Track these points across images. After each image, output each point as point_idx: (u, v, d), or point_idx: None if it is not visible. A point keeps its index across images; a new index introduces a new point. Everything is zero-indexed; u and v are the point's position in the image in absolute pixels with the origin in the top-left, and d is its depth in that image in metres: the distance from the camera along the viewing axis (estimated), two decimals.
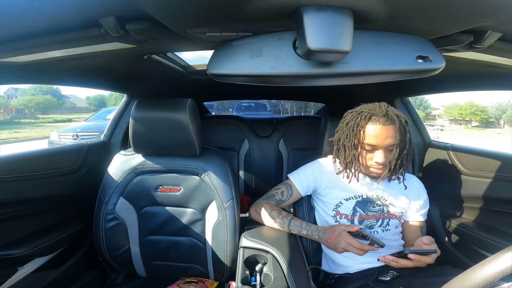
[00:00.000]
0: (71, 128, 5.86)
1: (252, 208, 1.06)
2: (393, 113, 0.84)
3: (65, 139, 5.36)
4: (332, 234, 0.84)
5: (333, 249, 0.84)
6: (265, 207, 0.99)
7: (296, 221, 0.93)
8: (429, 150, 1.30)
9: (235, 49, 0.48)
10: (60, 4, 0.40)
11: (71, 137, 5.33)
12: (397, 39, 0.47)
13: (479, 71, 0.84)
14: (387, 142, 0.83)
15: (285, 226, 0.93)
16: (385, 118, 0.83)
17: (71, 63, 0.74)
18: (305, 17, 0.38)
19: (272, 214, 0.96)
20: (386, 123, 0.83)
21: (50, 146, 4.97)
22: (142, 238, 1.05)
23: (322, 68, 0.46)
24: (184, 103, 0.93)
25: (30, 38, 0.50)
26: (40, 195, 0.95)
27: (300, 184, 1.00)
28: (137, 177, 1.03)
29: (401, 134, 0.83)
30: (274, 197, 1.02)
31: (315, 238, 0.89)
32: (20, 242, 0.89)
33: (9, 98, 34.73)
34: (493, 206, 1.00)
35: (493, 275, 0.43)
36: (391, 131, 0.83)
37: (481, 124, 34.83)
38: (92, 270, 1.17)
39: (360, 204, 0.94)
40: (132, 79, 1.11)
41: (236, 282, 0.77)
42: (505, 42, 0.53)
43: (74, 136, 5.32)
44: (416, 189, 0.98)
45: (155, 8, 0.41)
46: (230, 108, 12.84)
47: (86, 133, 5.35)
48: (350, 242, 0.79)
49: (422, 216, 0.98)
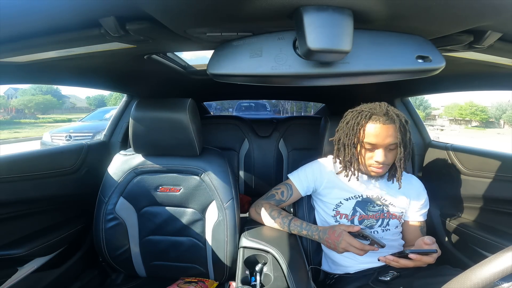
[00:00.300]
0: (64, 129, 5.71)
1: (252, 208, 1.06)
2: (393, 112, 0.85)
3: (58, 140, 5.23)
4: (333, 234, 0.84)
5: (333, 249, 0.84)
6: (265, 207, 0.99)
7: (296, 221, 0.93)
8: (429, 150, 1.30)
9: (235, 49, 0.48)
10: (60, 4, 0.40)
11: (64, 138, 5.20)
12: (397, 39, 0.47)
13: (479, 71, 0.84)
14: (387, 141, 0.83)
15: (285, 226, 0.93)
16: (385, 117, 0.83)
17: (71, 63, 0.74)
18: (305, 17, 0.38)
19: (272, 214, 0.96)
20: (387, 122, 0.83)
21: (43, 147, 4.84)
22: (142, 238, 1.05)
23: (322, 68, 0.46)
24: (184, 103, 0.93)
25: (30, 38, 0.50)
26: (40, 195, 0.95)
27: (300, 184, 1.00)
28: (137, 177, 1.03)
29: (401, 133, 0.83)
30: (274, 197, 1.02)
31: (315, 238, 0.89)
32: (20, 242, 0.89)
33: (9, 98, 34.73)
34: (493, 206, 1.00)
35: (493, 275, 0.43)
36: (391, 130, 0.83)
37: (481, 124, 34.84)
38: (92, 270, 1.17)
39: (360, 204, 0.94)
40: (132, 79, 1.11)
41: (236, 282, 0.77)
42: (505, 42, 0.53)
43: (67, 137, 5.20)
44: (416, 189, 0.98)
45: (155, 8, 0.41)
46: (230, 108, 12.83)
47: (80, 134, 5.24)
48: (351, 242, 0.79)
49: (422, 216, 0.98)
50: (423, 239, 0.77)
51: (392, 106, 0.88)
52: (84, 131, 5.36)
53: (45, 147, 4.44)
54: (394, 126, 0.83)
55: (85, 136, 5.11)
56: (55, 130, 5.76)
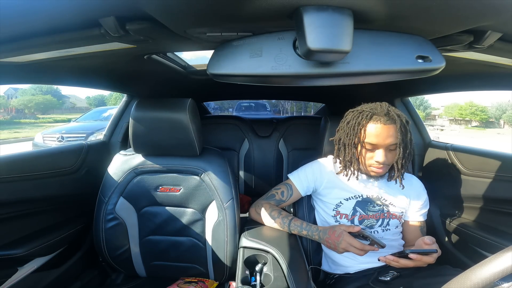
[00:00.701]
0: (56, 130, 5.52)
1: (252, 208, 1.06)
2: (394, 112, 0.85)
3: (50, 141, 5.04)
4: (333, 234, 0.84)
5: (333, 249, 0.84)
6: (265, 207, 0.99)
7: (296, 221, 0.93)
8: (429, 150, 1.30)
9: (235, 49, 0.48)
10: (60, 4, 0.40)
11: (56, 139, 5.00)
12: (397, 39, 0.47)
13: (479, 71, 0.84)
14: (388, 141, 0.83)
15: (285, 226, 0.93)
16: (386, 117, 0.83)
17: (71, 63, 0.74)
18: (305, 17, 0.38)
19: (272, 214, 0.96)
20: (387, 122, 0.83)
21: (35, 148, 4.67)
22: (142, 238, 1.05)
23: (322, 68, 0.46)
24: (184, 103, 0.93)
25: (30, 38, 0.50)
26: (40, 195, 0.95)
27: (300, 184, 1.00)
28: (137, 177, 1.03)
29: (402, 133, 0.83)
30: (274, 197, 1.02)
31: (315, 238, 0.89)
32: (20, 242, 0.89)
33: (9, 98, 34.72)
34: (493, 206, 1.00)
35: (493, 275, 0.43)
36: (392, 131, 0.83)
37: (481, 124, 34.84)
38: (92, 270, 1.17)
39: (360, 204, 0.94)
40: (132, 79, 1.11)
41: (236, 282, 0.77)
42: (505, 42, 0.53)
43: (59, 138, 5.00)
44: (416, 189, 0.98)
45: (155, 8, 0.41)
46: (230, 108, 12.83)
47: (72, 135, 5.06)
48: (351, 242, 0.79)
49: (422, 216, 0.98)
50: (423, 239, 0.77)
51: (392, 106, 0.89)
52: (77, 132, 5.20)
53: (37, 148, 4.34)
54: (395, 127, 0.83)
55: (78, 137, 4.93)
56: (47, 131, 5.57)
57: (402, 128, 0.83)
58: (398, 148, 0.84)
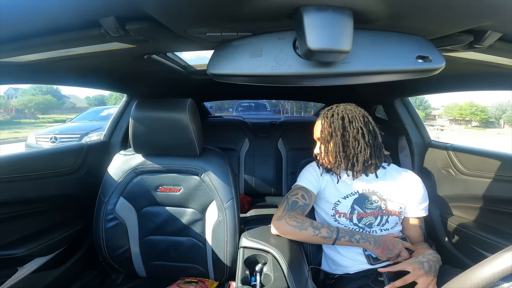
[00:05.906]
0: (50, 130, 5.33)
1: (281, 220, 0.88)
2: (329, 110, 0.94)
3: (42, 142, 4.88)
4: (387, 236, 0.90)
5: (391, 250, 0.86)
6: (303, 218, 0.88)
7: (343, 230, 0.87)
8: (429, 150, 1.30)
9: (235, 49, 0.48)
10: (60, 4, 0.40)
11: (49, 139, 4.85)
12: (397, 39, 0.47)
13: (479, 71, 0.84)
14: (315, 136, 0.97)
15: (334, 234, 0.85)
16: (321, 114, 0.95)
17: (71, 63, 0.74)
18: (305, 17, 0.38)
19: (314, 224, 0.87)
20: (318, 119, 0.96)
21: (28, 149, 4.48)
22: (142, 238, 1.05)
23: (322, 68, 0.46)
24: (184, 103, 0.93)
25: (30, 38, 0.50)
26: (40, 195, 0.95)
27: (311, 184, 0.97)
28: (137, 177, 1.03)
29: (333, 129, 0.90)
30: (298, 204, 0.92)
31: (371, 240, 0.86)
32: (20, 242, 0.89)
33: (9, 98, 34.70)
34: (493, 206, 1.00)
35: (493, 275, 0.43)
36: (318, 126, 0.95)
37: (481, 124, 34.84)
38: (92, 270, 1.17)
39: (358, 201, 0.94)
40: (132, 79, 1.11)
41: (236, 282, 0.77)
42: (505, 42, 0.53)
43: (52, 139, 4.83)
44: (412, 183, 0.97)
45: (155, 8, 0.41)
46: (230, 108, 12.83)
47: (65, 136, 4.89)
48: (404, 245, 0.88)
49: (424, 210, 0.96)
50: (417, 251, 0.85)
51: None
52: (71, 132, 5.03)
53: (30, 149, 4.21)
54: (319, 121, 0.95)
55: (71, 138, 4.79)
56: (41, 131, 5.39)
57: (326, 122, 0.91)
58: (326, 143, 0.91)
